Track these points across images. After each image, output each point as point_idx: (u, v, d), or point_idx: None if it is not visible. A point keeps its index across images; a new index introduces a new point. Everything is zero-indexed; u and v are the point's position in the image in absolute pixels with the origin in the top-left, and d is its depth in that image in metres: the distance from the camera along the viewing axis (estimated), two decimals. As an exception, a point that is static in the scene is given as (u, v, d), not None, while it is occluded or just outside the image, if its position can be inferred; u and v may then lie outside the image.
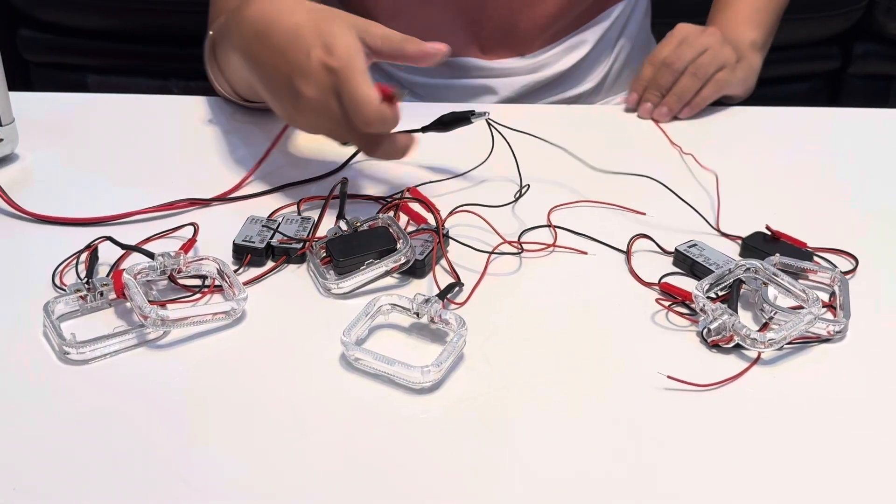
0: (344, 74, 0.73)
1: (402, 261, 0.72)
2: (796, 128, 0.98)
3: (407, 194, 0.81)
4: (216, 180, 0.83)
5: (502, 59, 1.09)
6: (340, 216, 0.76)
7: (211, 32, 0.91)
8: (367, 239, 0.73)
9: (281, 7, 0.78)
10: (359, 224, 0.74)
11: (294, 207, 0.81)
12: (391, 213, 0.78)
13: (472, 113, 0.85)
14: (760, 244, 0.77)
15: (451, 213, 0.80)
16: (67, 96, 1.00)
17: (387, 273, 0.73)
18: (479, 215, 0.79)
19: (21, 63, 1.91)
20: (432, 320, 0.67)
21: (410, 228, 0.78)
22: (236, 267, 0.73)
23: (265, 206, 0.81)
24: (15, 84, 0.86)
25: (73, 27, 1.88)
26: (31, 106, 0.92)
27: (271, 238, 0.75)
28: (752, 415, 0.62)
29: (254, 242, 0.74)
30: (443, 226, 0.76)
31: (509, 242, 0.77)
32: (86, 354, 0.64)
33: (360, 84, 0.73)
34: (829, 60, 1.97)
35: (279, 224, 0.77)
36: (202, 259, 0.71)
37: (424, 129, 0.86)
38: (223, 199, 0.81)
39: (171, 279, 0.71)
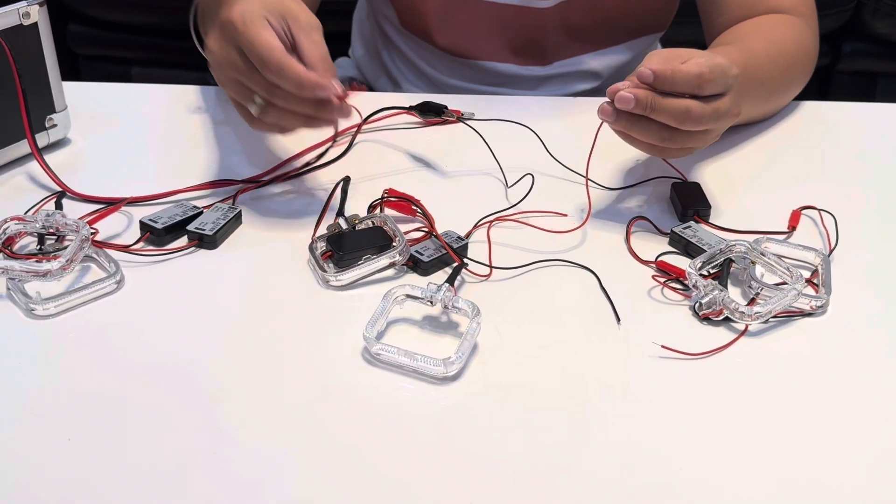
0: (239, 25, 0.70)
1: (397, 257, 0.71)
2: (790, 119, 0.98)
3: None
4: (249, 163, 0.84)
5: (530, 66, 1.05)
6: (340, 213, 0.75)
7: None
8: (366, 236, 0.73)
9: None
10: (357, 221, 0.74)
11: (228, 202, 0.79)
12: (382, 211, 0.77)
13: (445, 107, 0.85)
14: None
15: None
16: (113, 86, 1.00)
17: (384, 268, 0.71)
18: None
19: (71, 55, 1.93)
20: (445, 307, 0.66)
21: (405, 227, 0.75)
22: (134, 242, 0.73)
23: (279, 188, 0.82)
24: (65, 75, 0.86)
25: (119, 23, 1.89)
26: (80, 95, 0.93)
27: (186, 223, 0.74)
28: (739, 381, 0.63)
29: (156, 223, 0.74)
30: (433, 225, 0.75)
31: (510, 217, 0.77)
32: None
33: (255, 31, 0.70)
34: (820, 58, 1.94)
35: (201, 211, 0.76)
36: (74, 223, 0.71)
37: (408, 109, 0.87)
38: (255, 181, 0.82)
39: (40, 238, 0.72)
